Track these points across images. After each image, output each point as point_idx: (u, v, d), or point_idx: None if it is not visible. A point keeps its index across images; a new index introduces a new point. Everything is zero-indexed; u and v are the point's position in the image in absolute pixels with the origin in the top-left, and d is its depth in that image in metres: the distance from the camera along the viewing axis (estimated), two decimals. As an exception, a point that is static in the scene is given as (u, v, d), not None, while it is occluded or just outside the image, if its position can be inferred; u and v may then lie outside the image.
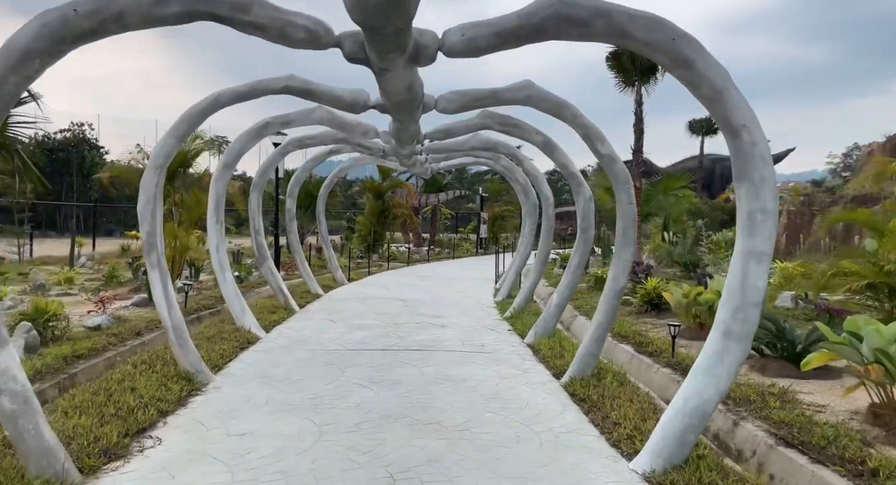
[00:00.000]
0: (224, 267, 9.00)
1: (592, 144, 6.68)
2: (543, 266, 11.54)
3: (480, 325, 10.56)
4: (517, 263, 13.82)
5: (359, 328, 9.97)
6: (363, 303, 13.04)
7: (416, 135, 7.99)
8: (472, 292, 15.29)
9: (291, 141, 11.21)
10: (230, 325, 9.20)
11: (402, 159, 11.46)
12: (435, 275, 20.13)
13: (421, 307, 12.51)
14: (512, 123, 8.85)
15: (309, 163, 13.62)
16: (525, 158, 11.30)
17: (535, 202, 13.75)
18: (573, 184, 8.97)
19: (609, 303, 6.77)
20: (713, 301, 8.25)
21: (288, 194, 13.79)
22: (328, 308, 12.18)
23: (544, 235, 11.42)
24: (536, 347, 8.51)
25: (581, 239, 8.94)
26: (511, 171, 13.61)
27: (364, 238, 27.56)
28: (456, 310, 12.27)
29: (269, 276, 11.47)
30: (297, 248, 13.94)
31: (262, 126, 8.91)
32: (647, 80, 16.58)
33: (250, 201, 11.27)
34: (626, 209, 6.70)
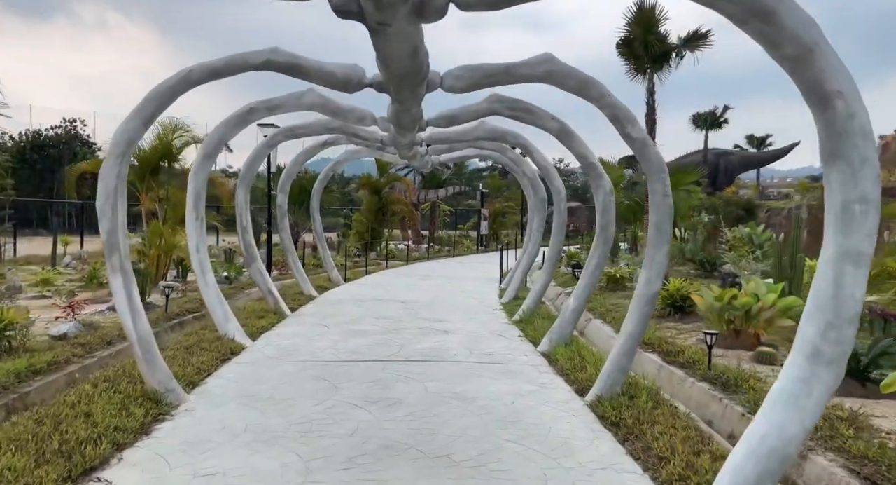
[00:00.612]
0: (205, 269, 8.11)
1: (622, 127, 5.79)
2: (555, 266, 10.67)
3: (488, 330, 9.69)
4: (525, 263, 12.96)
5: (355, 335, 9.09)
6: (360, 305, 12.15)
7: (418, 120, 7.10)
8: (475, 293, 14.42)
9: (281, 131, 10.31)
10: (212, 332, 8.31)
11: (401, 151, 10.57)
12: (435, 274, 19.25)
13: (422, 310, 11.63)
14: (523, 107, 7.98)
15: (301, 156, 12.72)
16: (535, 149, 10.43)
17: (543, 197, 12.87)
18: (592, 175, 8.10)
19: (640, 311, 5.90)
20: (750, 305, 7.40)
21: (279, 189, 12.90)
22: (322, 312, 11.30)
23: (556, 232, 10.54)
24: (553, 357, 7.64)
25: (601, 237, 8.07)
26: (518, 163, 12.73)
27: (361, 236, 26.67)
28: (460, 313, 11.40)
29: (258, 277, 10.59)
30: (289, 246, 13.06)
31: (246, 112, 8.01)
32: (660, 67, 15.69)
33: (237, 197, 10.38)
34: (661, 201, 5.82)
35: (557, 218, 10.49)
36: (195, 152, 14.41)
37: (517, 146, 10.35)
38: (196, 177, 8.00)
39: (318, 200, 15.48)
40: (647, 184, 5.93)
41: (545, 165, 10.43)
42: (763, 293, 7.43)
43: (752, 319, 7.42)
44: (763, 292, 7.44)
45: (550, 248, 10.55)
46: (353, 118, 8.21)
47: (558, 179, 10.56)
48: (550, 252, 10.53)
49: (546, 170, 10.46)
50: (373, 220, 26.80)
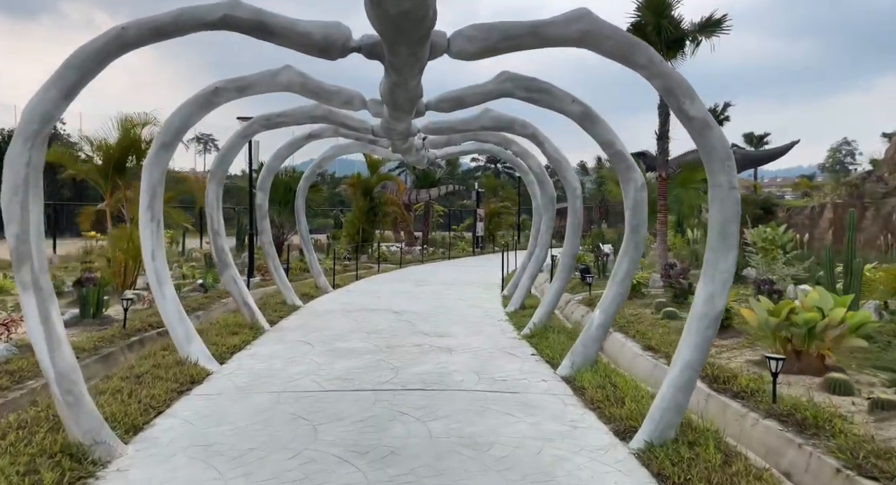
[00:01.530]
0: (162, 280, 6.81)
1: (677, 102, 4.56)
2: (569, 272, 9.45)
3: (496, 347, 8.45)
4: (532, 268, 11.72)
5: (342, 355, 7.82)
6: (349, 317, 10.87)
7: (417, 98, 5.84)
8: (477, 301, 13.17)
9: (257, 120, 9.03)
10: (173, 354, 7.02)
11: (395, 142, 9.32)
12: (432, 279, 17.99)
13: (419, 322, 10.37)
14: (540, 87, 6.76)
15: (283, 150, 11.43)
16: (547, 140, 9.20)
17: (552, 195, 11.64)
18: (621, 168, 6.87)
19: (702, 335, 4.68)
20: (814, 322, 6.19)
21: (258, 187, 11.60)
22: (306, 325, 10.00)
23: (571, 233, 9.32)
24: (578, 384, 6.40)
25: (631, 241, 6.85)
26: (524, 157, 11.50)
27: (352, 238, 25.37)
28: (462, 325, 10.14)
29: (232, 287, 9.29)
30: (269, 251, 11.76)
31: (211, 93, 6.73)
32: (674, 54, 14.51)
33: (207, 195, 9.09)
34: (727, 196, 4.60)
35: (572, 218, 9.27)
36: None
37: (527, 137, 9.12)
38: (151, 170, 6.70)
39: (303, 200, 14.19)
40: (709, 175, 4.70)
41: (558, 158, 9.21)
42: (829, 307, 6.23)
43: (815, 337, 6.22)
44: (829, 306, 6.24)
45: (565, 252, 9.32)
46: (340, 101, 6.95)
47: (572, 174, 9.33)
48: (565, 257, 9.30)
49: (559, 163, 9.24)
50: (363, 221, 25.52)
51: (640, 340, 8.30)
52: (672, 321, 9.28)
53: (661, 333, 8.51)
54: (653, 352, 7.77)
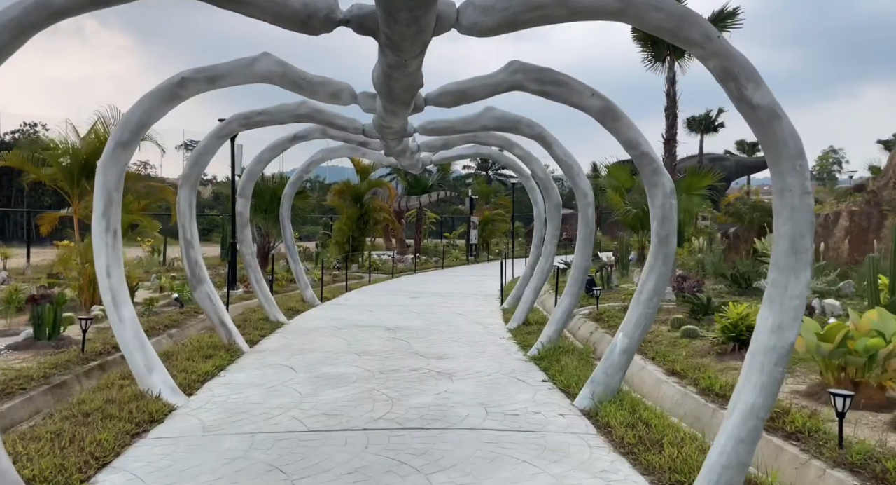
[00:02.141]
0: (119, 300, 5.86)
1: (739, 88, 3.72)
2: (581, 286, 8.58)
3: (502, 371, 7.55)
4: (536, 280, 10.85)
5: (330, 382, 6.89)
6: (338, 335, 9.95)
7: (416, 88, 4.95)
8: (476, 315, 12.28)
9: (235, 119, 8.13)
10: (133, 385, 6.07)
11: (389, 144, 8.45)
12: (426, 290, 17.07)
13: (415, 340, 9.46)
14: (554, 79, 5.93)
15: (265, 153, 10.52)
16: (555, 141, 8.37)
17: (557, 202, 10.80)
18: (647, 171, 6.03)
19: (768, 374, 3.82)
20: (877, 348, 5.35)
21: (239, 193, 10.67)
22: (290, 345, 9.06)
23: (582, 245, 8.46)
24: (602, 419, 5.52)
25: (658, 254, 6.00)
26: (528, 161, 10.65)
27: (341, 246, 24.43)
28: (462, 345, 9.24)
29: (207, 304, 8.34)
30: (251, 262, 10.81)
31: (176, 84, 5.83)
32: (682, 54, 13.78)
33: (179, 201, 8.16)
34: (799, 204, 3.75)
35: (584, 227, 8.41)
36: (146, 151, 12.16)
37: (534, 138, 8.28)
38: (106, 173, 5.77)
39: (288, 207, 13.26)
40: (775, 176, 3.86)
41: (568, 162, 8.36)
42: (892, 331, 5.40)
43: (877, 366, 5.39)
44: (892, 330, 5.41)
45: (576, 265, 8.45)
46: (326, 94, 6.07)
47: (584, 179, 8.48)
48: (576, 271, 8.43)
49: (569, 167, 8.39)
50: (353, 229, 24.59)
51: (662, 363, 7.45)
52: (694, 341, 8.44)
53: (685, 355, 7.67)
54: (678, 377, 6.92)
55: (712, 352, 7.68)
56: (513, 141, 10.54)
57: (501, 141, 10.51)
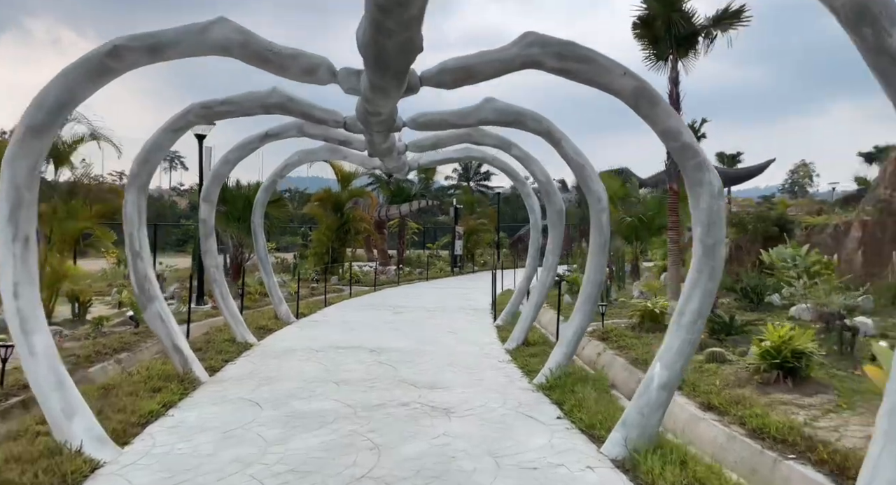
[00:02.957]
0: (31, 327, 4.60)
1: (876, 33, 2.65)
2: (594, 304, 7.47)
3: (507, 405, 6.40)
4: (537, 295, 9.73)
5: (302, 423, 5.68)
6: (315, 358, 8.72)
7: (413, 52, 3.83)
8: (468, 333, 11.12)
9: (193, 109, 6.94)
10: (46, 434, 4.80)
11: (374, 138, 7.31)
12: (411, 304, 15.87)
13: (403, 365, 8.27)
14: (578, 54, 4.89)
15: (233, 153, 9.31)
16: (564, 137, 7.30)
17: (560, 209, 9.74)
18: (688, 166, 4.96)
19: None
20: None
21: (202, 198, 9.41)
22: (257, 373, 7.81)
23: (595, 255, 7.36)
24: (645, 478, 4.39)
25: (703, 268, 4.93)
26: (527, 164, 9.58)
27: (320, 257, 23.13)
28: (457, 370, 8.08)
29: (158, 325, 7.08)
30: (216, 276, 9.54)
31: (106, 54, 4.64)
32: (686, 52, 12.88)
33: (125, 207, 6.92)
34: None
35: (598, 236, 7.32)
36: (126, 161, 10.87)
37: (541, 134, 7.21)
38: (13, 167, 4.53)
39: (261, 214, 12.03)
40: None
41: (580, 162, 7.29)
42: None
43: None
44: None
45: (588, 279, 7.35)
46: (299, 70, 4.94)
47: (598, 181, 7.41)
48: (589, 286, 7.32)
49: (581, 168, 7.31)
50: (333, 239, 23.33)
51: (694, 394, 6.37)
52: (722, 366, 7.38)
53: (719, 385, 6.59)
54: (717, 414, 5.85)
55: (751, 381, 6.61)
56: (510, 141, 9.48)
57: (497, 141, 9.45)
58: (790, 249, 13.22)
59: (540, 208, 12.15)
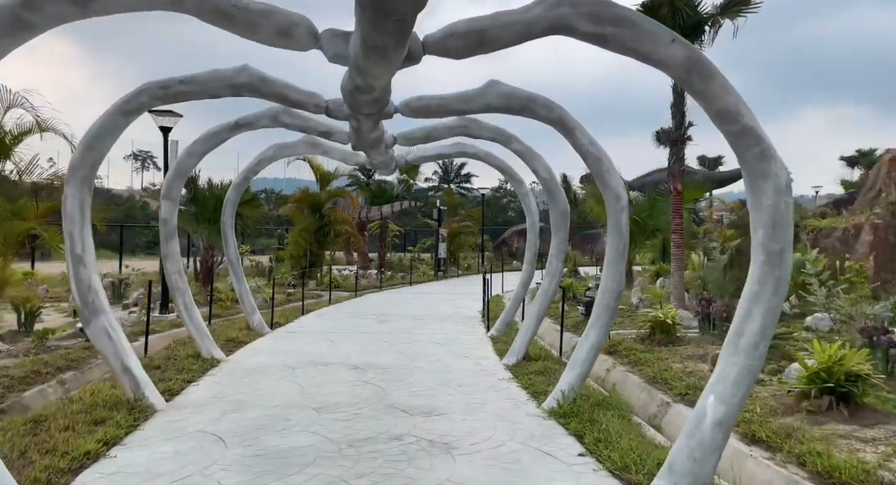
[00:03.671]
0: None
1: None
2: (611, 317, 6.56)
3: (517, 438, 5.45)
4: (539, 305, 8.80)
5: (275, 466, 4.66)
6: (291, 377, 7.68)
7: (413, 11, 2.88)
8: (461, 345, 10.16)
9: (147, 89, 5.90)
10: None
11: (362, 126, 6.33)
12: (396, 311, 14.86)
13: (393, 386, 7.28)
14: (617, 15, 3.99)
15: (198, 145, 8.23)
16: (579, 126, 6.41)
17: (564, 209, 8.84)
18: (749, 155, 4.09)
19: None
20: None
21: (163, 195, 8.31)
22: (224, 396, 6.76)
23: (613, 261, 6.46)
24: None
25: (767, 278, 4.07)
26: (529, 160, 8.67)
27: (298, 261, 21.99)
28: (453, 390, 7.11)
29: (104, 343, 6.00)
30: (178, 283, 8.44)
31: (22, 4, 3.60)
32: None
33: (65, 203, 5.84)
34: None
35: (616, 239, 6.41)
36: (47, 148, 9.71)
37: (551, 122, 6.30)
38: None
39: (232, 214, 10.94)
40: None
41: (597, 155, 6.38)
42: None
43: None
44: None
45: (606, 289, 6.43)
46: (272, 30, 3.99)
47: (617, 178, 6.51)
48: (606, 296, 6.41)
49: (598, 162, 6.39)
50: (312, 242, 22.21)
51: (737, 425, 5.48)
52: (757, 386, 6.52)
53: (760, 412, 5.73)
54: (766, 449, 4.99)
55: (798, 408, 5.75)
56: (510, 134, 8.57)
57: (496, 134, 8.52)
58: (798, 253, 12.52)
59: (538, 209, 11.27)
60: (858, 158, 41.36)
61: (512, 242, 39.42)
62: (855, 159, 41.69)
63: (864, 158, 41.41)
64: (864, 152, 41.54)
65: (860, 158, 41.31)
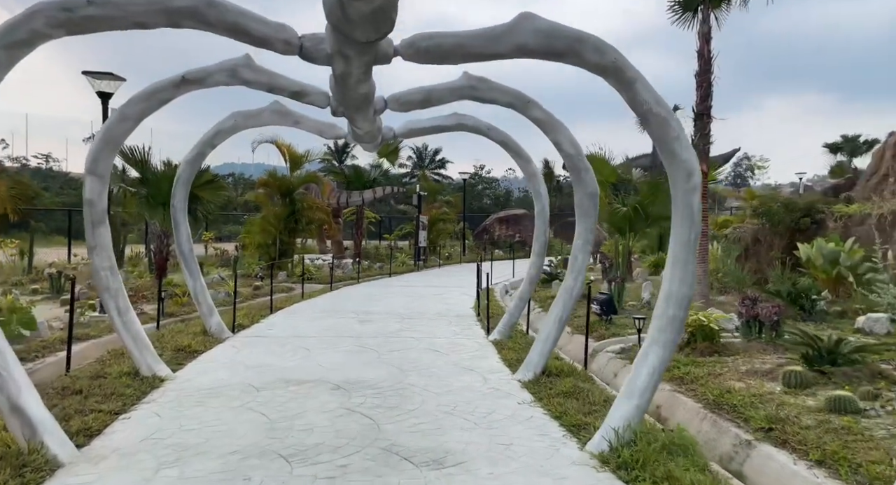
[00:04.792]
0: None
1: None
2: (680, 330, 5.02)
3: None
4: (561, 307, 7.20)
5: None
6: (254, 405, 5.99)
7: None
8: (459, 353, 8.56)
9: (40, 10, 4.12)
10: None
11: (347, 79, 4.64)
12: (378, 308, 13.18)
13: (386, 415, 5.64)
14: None
15: (131, 106, 6.38)
16: (640, 77, 4.81)
17: (594, 191, 7.26)
18: None
19: None
20: None
21: (87, 169, 6.44)
22: (161, 437, 5.03)
23: (679, 264, 4.90)
24: None
25: None
26: (551, 130, 7.06)
27: (266, 249, 20.10)
28: (464, 421, 5.50)
29: (-16, 374, 4.23)
30: (109, 282, 6.59)
31: None
32: (718, 3, 10.63)
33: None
34: None
35: (686, 230, 4.85)
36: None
37: (605, 71, 4.69)
38: None
39: (184, 196, 9.11)
40: None
41: (662, 116, 4.79)
42: None
43: None
44: None
45: (671, 294, 4.88)
46: None
47: (687, 146, 4.94)
48: (672, 307, 4.86)
49: (664, 124, 4.80)
50: (282, 229, 20.32)
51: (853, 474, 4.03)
52: (859, 419, 5.07)
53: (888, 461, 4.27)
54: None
55: None
56: (529, 98, 6.95)
57: (512, 97, 6.91)
58: (832, 243, 11.23)
59: (547, 193, 9.68)
60: (842, 144, 40.81)
61: (493, 229, 37.94)
62: (838, 146, 41.13)
63: (848, 144, 40.92)
64: (848, 138, 41.04)
65: (844, 145, 40.78)
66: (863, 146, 40.58)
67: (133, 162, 14.07)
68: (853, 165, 35.19)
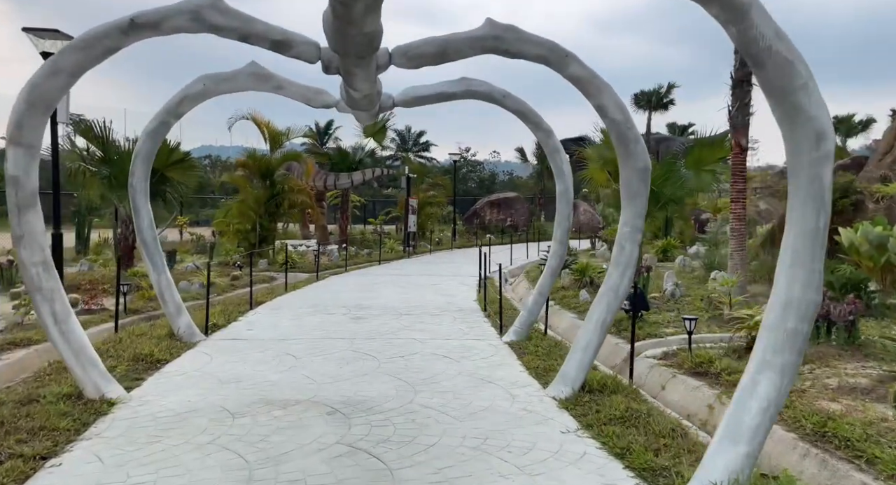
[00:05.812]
0: None
1: None
2: (798, 354, 3.78)
3: None
4: (603, 309, 5.91)
5: None
6: (229, 439, 4.65)
7: None
8: (476, 361, 7.28)
9: None
10: None
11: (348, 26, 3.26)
12: (372, 302, 11.82)
13: (400, 457, 4.35)
14: None
15: (66, 56, 4.92)
16: (755, 2, 3.54)
17: (645, 166, 5.94)
18: None
19: None
20: None
21: (8, 138, 4.98)
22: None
23: (800, 261, 3.65)
24: None
25: None
26: (592, 93, 5.73)
27: (245, 235, 18.61)
28: (507, 472, 4.23)
29: None
30: (39, 282, 5.18)
31: None
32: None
33: None
34: None
35: (811, 215, 3.60)
36: None
37: None
38: None
39: (144, 174, 7.66)
40: None
41: (788, 58, 3.51)
42: None
43: None
44: None
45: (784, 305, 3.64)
46: None
47: (820, 102, 3.68)
48: (793, 319, 3.62)
49: (788, 68, 3.52)
50: (262, 214, 18.83)
51: None
52: None
53: None
54: None
55: None
56: (567, 52, 5.62)
57: (546, 50, 5.58)
58: (878, 227, 10.11)
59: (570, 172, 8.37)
60: (836, 124, 40.10)
61: (484, 213, 36.63)
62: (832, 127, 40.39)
63: (842, 124, 40.21)
64: (841, 119, 40.30)
65: (838, 126, 40.00)
66: (858, 126, 39.88)
67: (92, 138, 12.51)
68: (846, 146, 34.52)
